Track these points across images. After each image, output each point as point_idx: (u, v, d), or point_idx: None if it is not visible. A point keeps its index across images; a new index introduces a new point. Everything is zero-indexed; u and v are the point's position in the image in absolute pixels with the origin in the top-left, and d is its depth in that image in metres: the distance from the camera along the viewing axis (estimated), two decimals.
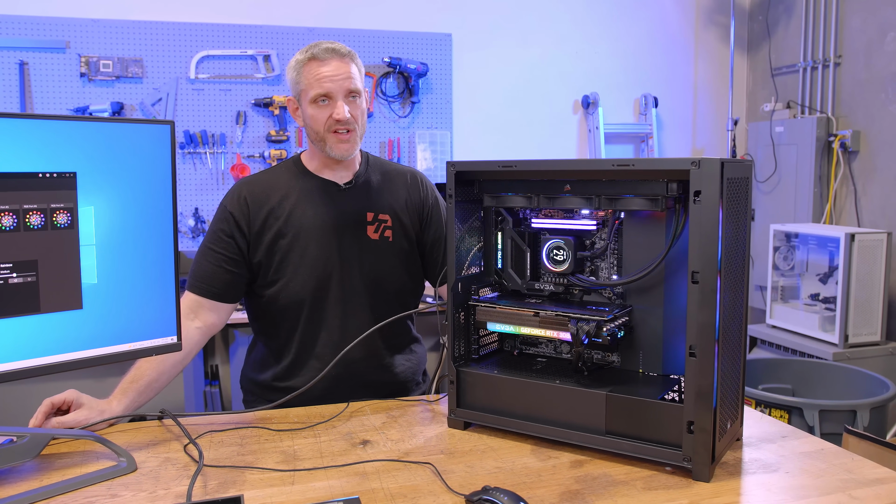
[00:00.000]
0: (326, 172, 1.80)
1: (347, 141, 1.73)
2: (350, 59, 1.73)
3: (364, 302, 1.78)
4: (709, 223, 1.16)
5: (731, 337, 1.27)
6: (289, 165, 1.84)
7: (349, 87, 1.71)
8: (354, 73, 1.73)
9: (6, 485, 1.19)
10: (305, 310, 1.75)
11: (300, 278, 1.73)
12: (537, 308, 1.41)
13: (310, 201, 1.76)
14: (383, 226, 1.82)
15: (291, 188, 1.78)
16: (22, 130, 1.19)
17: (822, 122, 3.83)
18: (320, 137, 1.73)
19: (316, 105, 1.71)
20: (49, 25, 3.45)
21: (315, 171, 1.80)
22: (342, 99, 1.70)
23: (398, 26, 3.94)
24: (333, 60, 1.70)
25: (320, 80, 1.69)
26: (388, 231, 1.82)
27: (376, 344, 1.79)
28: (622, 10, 4.32)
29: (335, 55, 1.71)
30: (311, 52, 1.71)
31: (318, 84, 1.69)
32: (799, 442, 1.37)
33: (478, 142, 4.12)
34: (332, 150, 1.73)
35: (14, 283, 1.19)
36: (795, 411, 2.61)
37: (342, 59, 1.71)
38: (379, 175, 1.87)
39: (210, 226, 1.77)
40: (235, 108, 3.73)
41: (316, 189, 1.78)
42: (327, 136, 1.72)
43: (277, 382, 1.78)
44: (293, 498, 1.15)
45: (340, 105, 1.70)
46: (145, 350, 1.36)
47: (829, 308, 3.40)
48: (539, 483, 1.20)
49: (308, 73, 1.71)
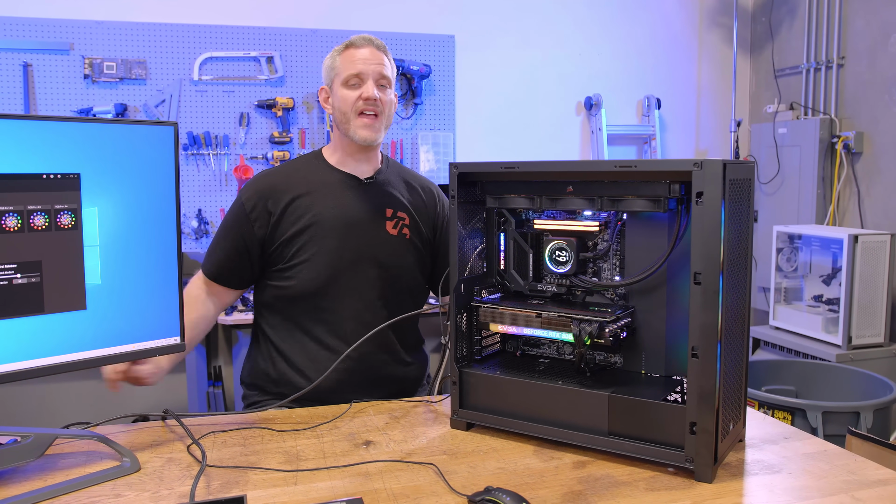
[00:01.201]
0: (349, 165, 1.83)
1: (372, 125, 1.77)
2: (384, 52, 1.82)
3: (379, 295, 1.79)
4: (711, 224, 1.16)
5: (733, 338, 1.27)
6: (309, 159, 1.88)
7: (381, 72, 1.78)
8: (387, 63, 1.81)
9: (10, 484, 1.19)
10: (319, 300, 1.76)
11: (316, 268, 1.75)
12: (540, 309, 1.41)
13: (331, 194, 1.79)
14: (402, 223, 1.84)
15: (312, 181, 1.81)
16: (26, 132, 1.19)
17: (825, 123, 3.82)
18: (346, 119, 1.78)
19: (347, 86, 1.78)
20: (53, 27, 3.46)
21: (337, 165, 1.83)
22: (373, 81, 1.77)
23: (401, 28, 3.94)
24: (369, 47, 1.80)
25: (354, 61, 1.77)
26: (405, 229, 1.84)
27: (390, 339, 1.81)
28: (625, 11, 4.32)
29: (371, 44, 1.80)
30: (350, 40, 1.81)
31: (352, 65, 1.77)
32: (802, 443, 1.36)
33: (480, 143, 4.13)
34: (356, 134, 1.77)
35: (18, 283, 1.19)
36: (799, 413, 2.61)
37: (377, 49, 1.81)
38: (398, 178, 1.90)
39: (226, 214, 1.83)
40: (239, 110, 3.74)
41: (337, 182, 1.81)
42: (353, 117, 1.77)
43: (288, 376, 1.78)
44: (296, 498, 1.15)
45: (370, 84, 1.77)
46: (149, 350, 1.37)
47: (832, 309, 3.39)
48: (541, 484, 1.20)
49: (344, 58, 1.79)
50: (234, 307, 3.30)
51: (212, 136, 3.70)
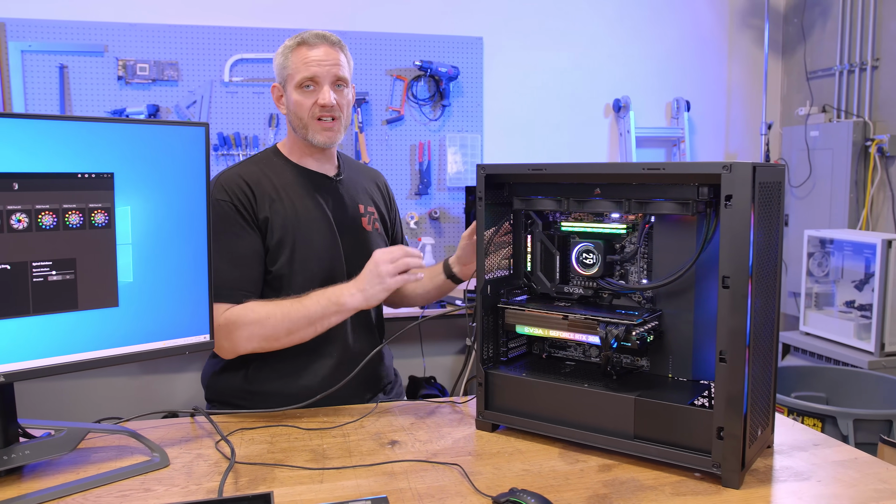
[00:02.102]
0: (310, 163, 1.77)
1: (331, 129, 1.71)
2: (339, 49, 1.72)
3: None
4: (740, 228, 1.15)
5: (762, 343, 1.26)
6: (268, 156, 1.78)
7: (337, 74, 1.69)
8: (343, 61, 1.72)
9: (44, 477, 1.22)
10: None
11: (308, 272, 1.68)
12: (566, 311, 1.41)
13: (307, 192, 1.73)
14: (373, 217, 1.85)
15: (284, 178, 1.73)
16: (62, 132, 1.22)
17: (858, 126, 3.76)
18: (303, 124, 1.71)
19: (301, 90, 1.69)
20: (88, 30, 3.52)
21: (298, 162, 1.77)
22: (329, 85, 1.69)
23: (430, 30, 3.96)
24: (323, 46, 1.69)
25: (308, 63, 1.67)
26: (377, 223, 1.85)
27: (375, 337, 1.83)
28: (654, 13, 4.29)
29: (325, 41, 1.70)
30: (301, 38, 1.70)
31: (306, 67, 1.67)
32: (832, 450, 1.35)
33: (508, 145, 4.12)
34: (314, 138, 1.71)
35: (53, 280, 1.22)
36: (829, 420, 2.57)
37: (332, 46, 1.70)
38: (355, 171, 1.90)
39: (216, 229, 1.52)
40: (268, 111, 3.78)
41: (309, 181, 1.76)
42: (311, 122, 1.70)
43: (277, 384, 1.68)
44: (322, 496, 1.16)
45: (326, 90, 1.68)
46: (178, 348, 1.39)
47: (864, 315, 3.34)
48: (567, 486, 1.20)
49: (296, 58, 1.69)
50: None
51: (241, 136, 3.74)
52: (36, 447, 1.24)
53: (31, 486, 1.19)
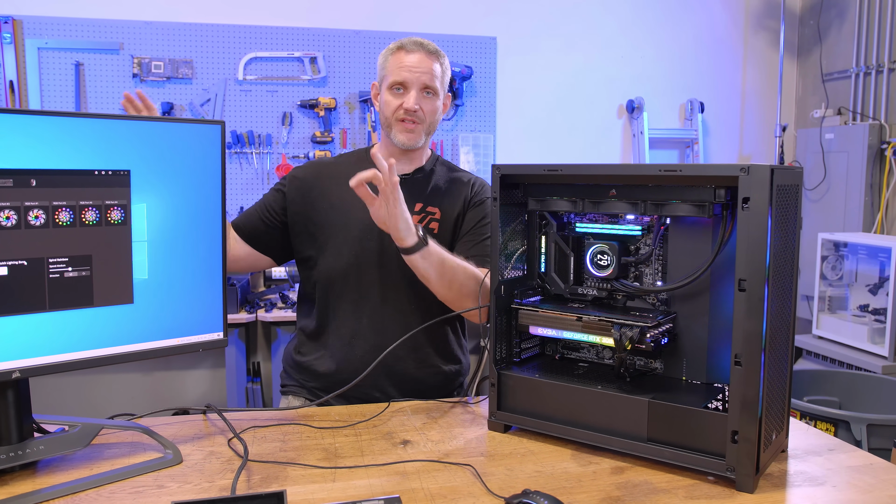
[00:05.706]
0: None
1: (412, 131, 1.80)
2: (436, 58, 1.81)
3: (402, 288, 1.78)
4: (757, 230, 1.15)
5: (777, 346, 1.25)
6: (359, 153, 1.94)
7: (425, 82, 1.78)
8: (436, 71, 1.80)
9: (58, 472, 1.23)
10: (341, 288, 1.79)
11: (340, 257, 1.79)
12: (580, 313, 1.40)
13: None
14: (430, 217, 1.84)
15: (349, 172, 1.74)
16: (78, 129, 1.22)
17: (874, 129, 3.74)
18: (388, 123, 1.82)
19: (392, 92, 1.80)
20: (103, 28, 3.55)
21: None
22: (416, 91, 1.77)
23: (443, 29, 3.96)
24: (419, 53, 1.79)
25: (400, 68, 1.78)
26: (433, 223, 1.83)
27: (420, 340, 1.80)
28: (669, 14, 4.28)
29: (422, 49, 1.80)
30: (401, 43, 1.81)
31: (398, 72, 1.78)
32: (847, 455, 1.34)
33: (521, 145, 4.12)
34: (395, 137, 1.81)
35: (69, 276, 1.22)
36: (842, 424, 2.55)
37: (427, 55, 1.80)
38: (444, 175, 1.91)
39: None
40: (282, 110, 3.79)
41: None
42: (395, 122, 1.80)
43: (314, 365, 1.82)
44: (334, 495, 1.16)
45: (412, 95, 1.77)
46: (192, 345, 1.39)
47: (878, 320, 3.31)
48: (579, 488, 1.19)
49: (393, 61, 1.80)
50: (273, 304, 3.34)
51: (255, 135, 3.75)
52: (50, 442, 1.24)
53: (45, 481, 1.19)
